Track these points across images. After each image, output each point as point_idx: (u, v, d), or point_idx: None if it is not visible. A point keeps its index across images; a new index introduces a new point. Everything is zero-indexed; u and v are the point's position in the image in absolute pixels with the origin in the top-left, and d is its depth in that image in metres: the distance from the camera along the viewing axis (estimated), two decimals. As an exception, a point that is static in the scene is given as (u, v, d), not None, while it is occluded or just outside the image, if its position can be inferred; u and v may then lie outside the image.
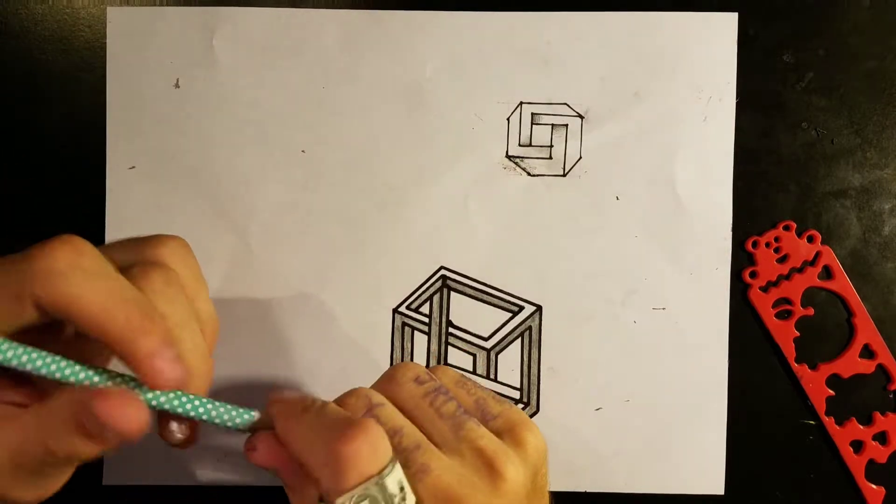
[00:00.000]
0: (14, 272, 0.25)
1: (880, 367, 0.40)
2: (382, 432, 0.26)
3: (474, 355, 0.40)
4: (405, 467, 0.27)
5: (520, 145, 0.39)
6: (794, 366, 0.40)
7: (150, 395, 0.25)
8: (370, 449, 0.25)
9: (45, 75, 0.39)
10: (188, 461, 0.36)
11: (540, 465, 0.30)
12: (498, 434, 0.29)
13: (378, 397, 0.30)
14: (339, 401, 0.30)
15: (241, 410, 0.26)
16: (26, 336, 0.25)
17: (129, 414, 0.24)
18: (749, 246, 0.40)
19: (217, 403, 0.26)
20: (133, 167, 0.39)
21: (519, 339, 0.40)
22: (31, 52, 0.39)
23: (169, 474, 0.39)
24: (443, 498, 0.27)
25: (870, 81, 0.39)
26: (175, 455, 0.36)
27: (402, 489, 0.25)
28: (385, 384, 0.31)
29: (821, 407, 0.40)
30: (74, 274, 0.25)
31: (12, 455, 0.25)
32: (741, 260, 0.40)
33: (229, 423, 0.26)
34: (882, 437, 0.40)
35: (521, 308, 0.40)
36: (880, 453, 0.40)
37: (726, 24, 0.39)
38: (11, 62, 0.39)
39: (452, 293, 0.40)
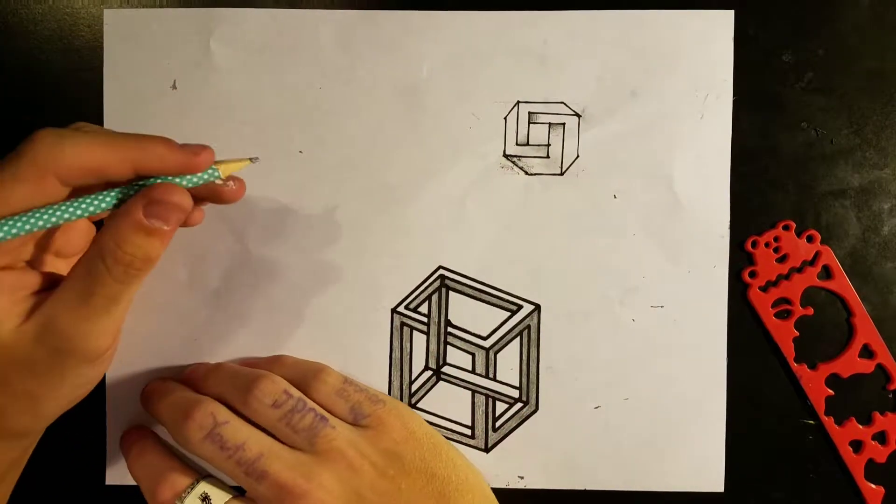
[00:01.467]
0: (24, 160, 0.29)
1: (880, 366, 0.40)
2: (180, 474, 0.35)
3: (473, 354, 0.40)
4: (247, 476, 0.33)
5: (517, 144, 0.39)
6: (794, 365, 0.40)
7: (183, 181, 0.32)
8: (168, 487, 0.34)
9: (45, 75, 0.39)
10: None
11: (411, 450, 0.36)
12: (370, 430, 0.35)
13: (223, 415, 0.34)
14: (188, 413, 0.34)
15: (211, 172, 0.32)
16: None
17: (178, 191, 0.31)
18: (748, 246, 0.40)
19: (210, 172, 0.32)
20: (132, 167, 0.39)
21: (518, 338, 0.40)
22: (30, 52, 0.39)
23: (169, 472, 0.40)
24: (282, 492, 0.33)
25: (870, 81, 0.39)
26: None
27: (204, 499, 0.34)
28: (245, 396, 0.35)
29: (820, 407, 0.40)
30: (79, 140, 0.30)
31: (83, 296, 0.30)
32: (740, 260, 0.40)
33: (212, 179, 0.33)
34: (881, 437, 0.40)
35: (520, 307, 0.40)
36: (880, 453, 0.40)
37: (723, 22, 0.39)
38: (11, 62, 0.39)
39: (451, 293, 0.40)
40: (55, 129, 0.30)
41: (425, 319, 0.40)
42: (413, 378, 0.40)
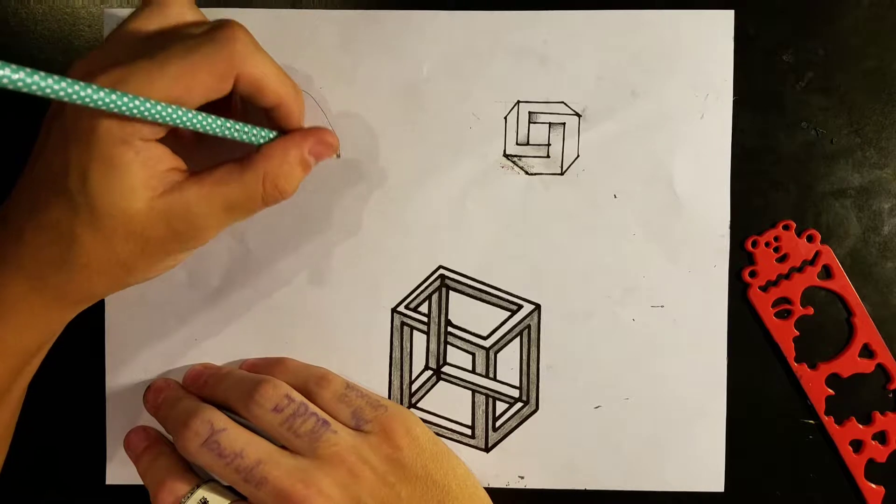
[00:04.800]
0: (219, 53, 0.30)
1: (880, 366, 0.40)
2: (180, 479, 0.35)
3: (473, 354, 0.40)
4: (247, 482, 0.33)
5: (517, 144, 0.39)
6: (794, 365, 0.40)
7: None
8: (168, 492, 0.34)
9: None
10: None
11: (412, 457, 0.36)
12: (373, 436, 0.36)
13: (221, 422, 0.35)
14: (184, 422, 0.35)
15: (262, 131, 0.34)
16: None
17: (332, 134, 0.35)
18: (749, 245, 0.40)
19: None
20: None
21: (518, 338, 0.40)
22: (30, 52, 0.39)
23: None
24: (281, 498, 0.33)
25: (870, 81, 0.39)
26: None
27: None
28: (246, 401, 0.35)
29: (820, 406, 0.40)
30: (261, 53, 0.32)
31: (227, 202, 0.32)
32: (741, 259, 0.40)
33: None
34: (881, 437, 0.40)
35: (520, 307, 0.40)
36: (880, 453, 0.40)
37: (723, 22, 0.39)
38: (11, 62, 0.39)
39: (451, 292, 0.40)
40: (248, 32, 0.32)
41: (425, 319, 0.40)
42: (413, 378, 0.40)
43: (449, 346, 0.40)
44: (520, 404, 0.40)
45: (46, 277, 0.32)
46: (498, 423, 0.40)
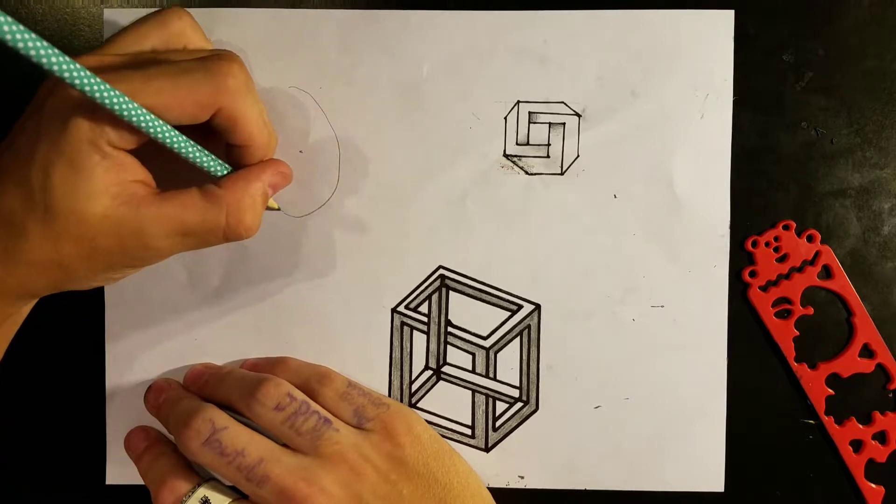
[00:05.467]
0: (208, 83, 0.31)
1: (880, 366, 0.40)
2: (181, 478, 0.35)
3: (473, 354, 0.40)
4: (248, 481, 0.33)
5: (517, 144, 0.39)
6: (794, 365, 0.40)
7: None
8: (169, 491, 0.35)
9: (45, 75, 0.39)
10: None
11: (414, 455, 0.36)
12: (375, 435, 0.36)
13: (222, 421, 0.35)
14: (186, 421, 0.35)
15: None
16: None
17: (288, 167, 0.36)
18: (749, 245, 0.40)
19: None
20: (132, 167, 0.39)
21: (518, 338, 0.40)
22: (30, 52, 0.39)
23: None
24: (283, 496, 0.33)
25: (869, 81, 0.39)
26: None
27: (204, 503, 0.35)
28: (248, 399, 0.35)
29: (820, 406, 0.40)
30: (249, 94, 0.32)
31: (185, 228, 0.32)
32: (741, 259, 0.40)
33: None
34: (881, 437, 0.40)
35: (520, 307, 0.40)
36: (880, 452, 0.40)
37: (723, 22, 0.39)
38: (11, 62, 0.39)
39: (451, 292, 0.40)
40: (244, 70, 0.32)
41: (425, 319, 0.40)
42: (413, 378, 0.40)
43: (449, 346, 0.40)
44: (520, 404, 0.40)
45: None
46: (498, 423, 0.40)
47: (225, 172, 0.34)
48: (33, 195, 0.30)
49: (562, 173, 0.39)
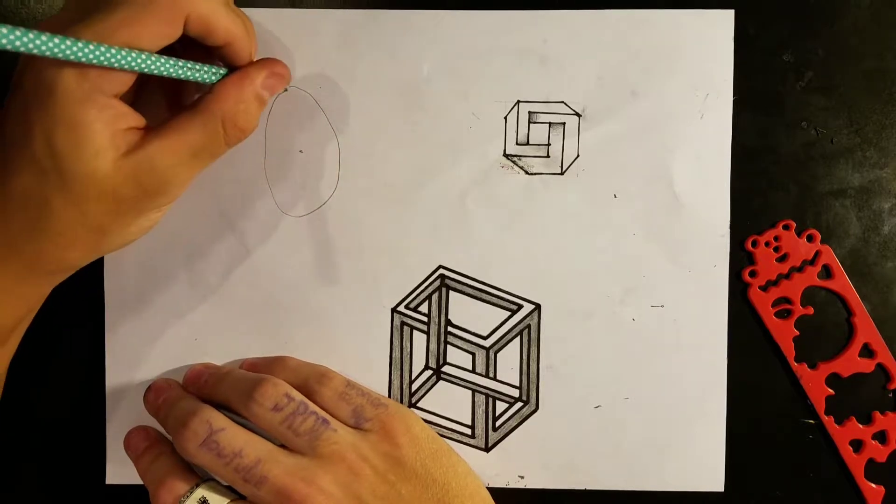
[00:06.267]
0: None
1: (880, 366, 0.40)
2: (180, 479, 0.35)
3: (473, 354, 0.40)
4: (246, 482, 0.33)
5: (517, 144, 0.39)
6: (794, 365, 0.40)
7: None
8: (167, 491, 0.34)
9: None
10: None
11: (412, 455, 0.36)
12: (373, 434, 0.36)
13: (219, 422, 0.35)
14: (183, 422, 0.35)
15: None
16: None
17: (284, 64, 0.36)
18: (748, 245, 0.40)
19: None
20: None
21: (518, 338, 0.40)
22: (30, 52, 0.39)
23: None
24: (282, 497, 0.33)
25: (869, 81, 0.39)
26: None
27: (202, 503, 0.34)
28: (246, 400, 0.35)
29: (820, 406, 0.40)
30: None
31: (192, 149, 0.32)
32: (741, 259, 0.40)
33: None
34: (882, 437, 0.40)
35: (520, 306, 0.40)
36: (880, 452, 0.40)
37: (723, 22, 0.39)
38: (11, 62, 0.39)
39: (451, 292, 0.40)
40: None
41: (425, 319, 0.40)
42: (413, 377, 0.40)
43: (449, 346, 0.40)
44: (520, 404, 0.40)
45: (18, 246, 0.32)
46: (498, 423, 0.40)
47: (221, 74, 0.34)
48: (44, 167, 0.30)
49: (562, 173, 0.39)
